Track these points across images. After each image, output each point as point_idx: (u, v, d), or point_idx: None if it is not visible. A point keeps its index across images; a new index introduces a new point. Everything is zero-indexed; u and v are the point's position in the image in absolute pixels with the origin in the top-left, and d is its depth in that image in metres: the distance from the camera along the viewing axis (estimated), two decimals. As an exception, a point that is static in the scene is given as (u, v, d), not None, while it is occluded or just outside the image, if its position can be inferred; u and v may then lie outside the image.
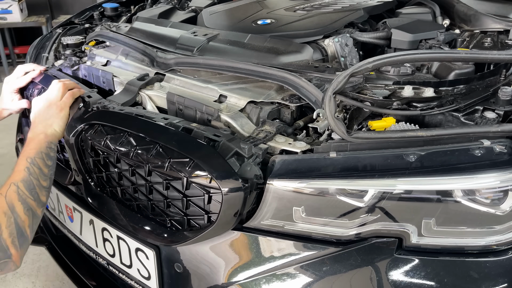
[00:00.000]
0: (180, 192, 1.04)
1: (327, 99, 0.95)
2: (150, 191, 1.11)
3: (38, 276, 2.14)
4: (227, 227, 1.02)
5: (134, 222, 1.17)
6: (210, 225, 1.00)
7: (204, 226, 1.04)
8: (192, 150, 0.99)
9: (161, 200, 1.10)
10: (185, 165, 0.98)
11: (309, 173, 0.95)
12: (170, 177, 1.04)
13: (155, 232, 1.13)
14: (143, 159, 1.05)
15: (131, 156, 1.06)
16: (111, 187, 1.22)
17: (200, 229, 1.05)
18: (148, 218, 1.16)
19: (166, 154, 1.01)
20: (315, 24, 1.59)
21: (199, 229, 1.05)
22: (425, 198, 0.91)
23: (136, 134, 1.08)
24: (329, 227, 0.98)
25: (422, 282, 0.95)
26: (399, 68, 1.23)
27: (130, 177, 1.13)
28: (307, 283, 1.01)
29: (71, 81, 1.39)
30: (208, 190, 0.99)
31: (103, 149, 1.15)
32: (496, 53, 1.01)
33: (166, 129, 1.06)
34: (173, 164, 1.00)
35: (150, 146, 1.04)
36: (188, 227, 1.08)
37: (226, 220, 0.98)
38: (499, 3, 1.80)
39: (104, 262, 1.40)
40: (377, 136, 0.96)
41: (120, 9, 2.30)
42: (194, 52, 1.44)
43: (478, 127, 0.95)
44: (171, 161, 1.00)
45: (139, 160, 1.06)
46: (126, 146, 1.08)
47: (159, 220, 1.14)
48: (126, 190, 1.19)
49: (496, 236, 0.93)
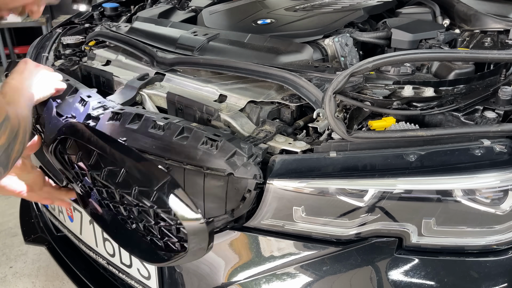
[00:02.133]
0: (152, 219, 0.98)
1: (327, 98, 0.95)
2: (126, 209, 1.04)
3: (38, 276, 2.14)
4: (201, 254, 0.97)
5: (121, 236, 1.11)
6: (184, 253, 0.96)
7: (178, 252, 0.99)
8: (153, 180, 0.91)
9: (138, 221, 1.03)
10: (149, 196, 0.91)
11: (309, 173, 0.95)
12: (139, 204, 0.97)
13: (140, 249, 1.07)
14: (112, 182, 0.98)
15: (101, 177, 1.00)
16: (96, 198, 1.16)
17: (175, 254, 1.00)
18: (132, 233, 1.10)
19: (131, 181, 0.94)
20: (315, 24, 1.59)
21: (174, 254, 1.00)
22: (425, 198, 0.91)
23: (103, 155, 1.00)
24: (329, 227, 0.97)
25: (422, 282, 0.95)
26: (399, 68, 1.23)
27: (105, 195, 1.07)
28: (307, 283, 1.01)
29: None
30: (176, 220, 0.93)
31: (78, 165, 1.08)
32: (496, 53, 1.01)
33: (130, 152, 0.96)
34: (139, 193, 0.93)
35: (117, 169, 0.97)
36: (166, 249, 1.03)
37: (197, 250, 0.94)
38: (499, 3, 1.80)
39: (104, 262, 1.40)
40: (377, 136, 0.96)
41: (120, 9, 2.30)
42: (194, 52, 1.44)
43: (478, 126, 0.95)
44: (137, 190, 0.93)
45: (109, 183, 0.99)
46: (97, 166, 1.01)
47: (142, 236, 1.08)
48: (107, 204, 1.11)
49: (496, 236, 0.93)
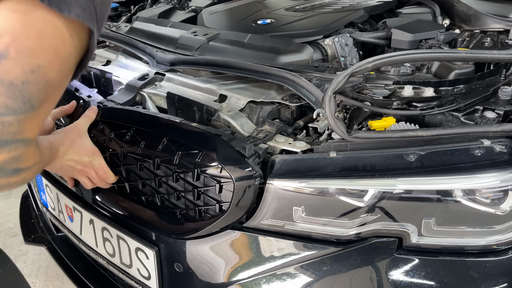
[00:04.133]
0: (190, 184, 1.04)
1: (327, 98, 0.95)
2: (159, 185, 1.10)
3: (38, 276, 2.14)
4: (238, 215, 1.01)
5: (145, 217, 1.17)
6: (222, 214, 1.00)
7: (216, 216, 1.03)
8: (200, 142, 0.99)
9: (171, 193, 1.09)
10: (195, 157, 0.98)
11: (309, 173, 0.95)
12: (180, 170, 1.03)
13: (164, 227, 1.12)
14: (151, 154, 1.04)
15: (138, 152, 1.06)
16: (119, 183, 1.21)
17: (212, 218, 1.04)
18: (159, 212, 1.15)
19: (174, 148, 1.01)
20: (315, 24, 1.59)
21: (211, 218, 1.04)
22: (425, 198, 0.91)
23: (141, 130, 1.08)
24: (329, 227, 0.97)
25: (422, 282, 0.95)
26: (399, 68, 1.23)
27: (138, 172, 1.12)
28: (307, 283, 1.01)
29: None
30: (219, 180, 0.99)
31: (109, 146, 1.14)
32: (496, 53, 1.01)
33: (172, 122, 1.06)
34: (183, 156, 1.00)
35: (157, 140, 1.04)
36: (199, 218, 1.08)
37: (237, 208, 0.98)
38: (499, 3, 1.81)
39: (104, 262, 1.40)
40: (377, 136, 0.96)
41: (120, 9, 2.30)
42: (194, 52, 1.44)
43: (478, 127, 0.95)
44: (180, 154, 1.00)
45: (147, 155, 1.06)
46: (132, 142, 1.07)
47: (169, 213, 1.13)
48: (134, 186, 1.18)
49: (496, 236, 0.93)
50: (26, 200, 2.07)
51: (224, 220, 1.01)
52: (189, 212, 1.10)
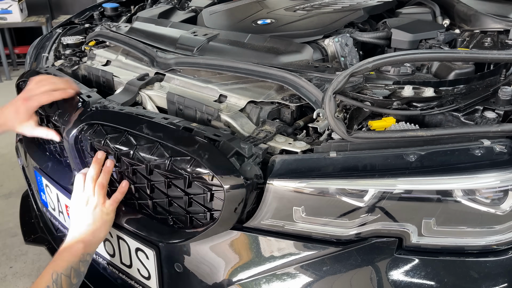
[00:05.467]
0: (182, 190, 1.05)
1: (327, 99, 0.95)
2: (152, 190, 1.11)
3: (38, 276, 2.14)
4: (230, 224, 1.02)
5: (136, 221, 1.17)
6: (213, 223, 1.01)
7: (207, 223, 1.04)
8: (192, 148, 0.99)
9: (163, 199, 1.10)
10: (187, 163, 0.98)
11: (309, 173, 0.95)
12: (172, 176, 1.04)
13: (157, 231, 1.13)
14: (144, 159, 1.05)
15: (132, 156, 1.06)
16: (112, 187, 1.22)
17: (203, 226, 1.05)
18: (150, 217, 1.17)
19: (166, 153, 1.01)
20: (315, 24, 1.59)
21: (202, 226, 1.05)
22: (425, 198, 0.91)
23: (136, 133, 1.08)
24: (329, 227, 0.97)
25: (422, 282, 0.95)
26: (399, 68, 1.23)
27: (131, 176, 1.13)
28: (307, 283, 1.01)
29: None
30: (210, 188, 1.00)
31: (103, 149, 1.15)
32: (496, 53, 1.01)
33: (166, 128, 1.06)
34: (174, 163, 1.00)
35: (150, 145, 1.04)
36: (190, 225, 1.08)
37: (229, 216, 0.98)
38: (499, 3, 1.81)
39: (104, 262, 1.40)
40: (377, 136, 0.96)
41: (120, 9, 2.30)
42: (194, 52, 1.44)
43: (478, 127, 0.95)
44: (172, 160, 1.00)
45: (140, 160, 1.06)
46: (126, 145, 1.08)
47: (161, 218, 1.14)
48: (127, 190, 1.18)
49: (496, 236, 0.93)
50: (26, 200, 2.07)
51: (215, 228, 1.01)
52: (181, 218, 1.11)
